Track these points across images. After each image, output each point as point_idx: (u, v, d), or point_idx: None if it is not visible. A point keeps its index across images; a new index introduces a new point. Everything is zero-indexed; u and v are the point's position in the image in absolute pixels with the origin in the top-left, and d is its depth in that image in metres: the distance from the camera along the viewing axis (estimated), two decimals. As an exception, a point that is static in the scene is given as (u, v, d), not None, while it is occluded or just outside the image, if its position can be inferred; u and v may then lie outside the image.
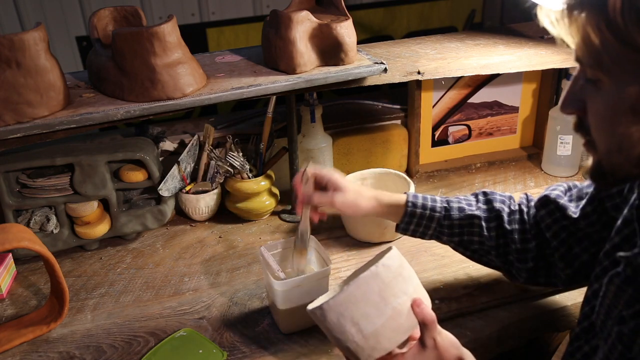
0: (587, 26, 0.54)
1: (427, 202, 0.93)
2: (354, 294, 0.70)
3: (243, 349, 0.95)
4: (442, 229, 0.93)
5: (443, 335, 0.72)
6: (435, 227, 0.94)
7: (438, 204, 0.94)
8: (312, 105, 1.29)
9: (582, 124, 0.62)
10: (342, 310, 0.71)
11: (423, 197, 0.94)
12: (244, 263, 1.18)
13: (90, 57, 1.08)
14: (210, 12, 1.83)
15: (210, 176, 1.31)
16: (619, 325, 0.61)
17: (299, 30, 1.06)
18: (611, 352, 0.62)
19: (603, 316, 0.66)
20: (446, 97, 1.45)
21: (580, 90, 0.60)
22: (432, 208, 0.93)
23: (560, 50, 1.30)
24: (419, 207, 0.93)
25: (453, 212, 0.92)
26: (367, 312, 0.70)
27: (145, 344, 0.97)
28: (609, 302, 0.65)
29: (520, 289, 1.03)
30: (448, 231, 0.93)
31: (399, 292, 0.71)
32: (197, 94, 1.02)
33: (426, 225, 0.94)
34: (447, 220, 0.93)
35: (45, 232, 1.17)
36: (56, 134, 0.98)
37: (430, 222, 0.93)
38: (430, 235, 0.95)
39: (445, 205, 0.93)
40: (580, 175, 1.46)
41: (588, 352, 0.70)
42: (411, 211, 0.93)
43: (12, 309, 1.08)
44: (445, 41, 1.37)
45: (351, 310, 0.70)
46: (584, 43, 0.55)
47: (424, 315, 0.71)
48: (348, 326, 0.71)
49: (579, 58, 0.58)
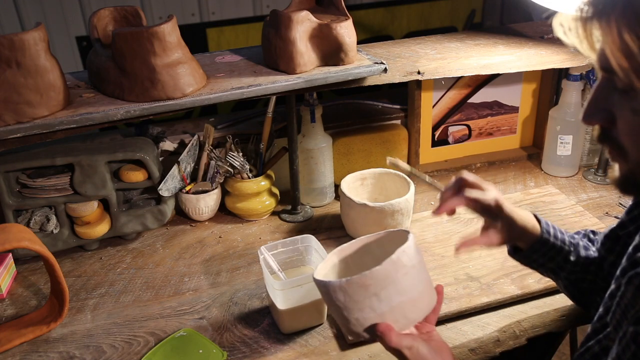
0: (622, 33, 0.52)
1: (557, 232, 0.85)
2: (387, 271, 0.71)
3: (243, 349, 0.95)
4: (565, 264, 0.85)
5: (413, 350, 0.73)
6: (559, 261, 0.85)
7: (566, 237, 0.86)
8: (312, 105, 1.29)
9: (608, 134, 0.60)
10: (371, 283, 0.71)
11: (552, 225, 0.86)
12: (244, 263, 1.18)
13: (90, 57, 1.08)
14: (210, 12, 1.83)
15: (210, 176, 1.31)
16: (635, 325, 0.61)
17: (299, 30, 1.06)
18: (624, 353, 0.62)
19: (619, 316, 0.66)
20: (446, 97, 1.45)
21: (606, 99, 0.58)
22: (562, 240, 0.85)
23: (560, 50, 1.30)
24: (552, 235, 0.84)
25: (580, 249, 0.85)
26: (389, 289, 0.71)
27: (145, 344, 0.97)
28: (626, 302, 0.65)
29: (520, 289, 1.03)
30: (571, 268, 0.85)
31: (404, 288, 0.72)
32: (197, 94, 1.02)
33: (550, 256, 0.85)
34: (574, 256, 0.85)
35: (45, 232, 1.17)
36: (56, 134, 0.98)
37: (558, 254, 0.85)
38: (545, 268, 0.87)
39: (572, 240, 0.86)
40: (580, 175, 1.46)
41: (598, 353, 0.70)
42: (545, 239, 0.84)
43: (12, 309, 1.08)
44: (445, 41, 1.37)
45: (375, 287, 0.71)
46: (619, 51, 0.53)
47: (386, 343, 0.73)
48: (368, 301, 0.71)
49: (606, 66, 0.55)
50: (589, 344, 0.72)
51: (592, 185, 1.42)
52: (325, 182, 1.36)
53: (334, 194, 1.40)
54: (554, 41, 1.35)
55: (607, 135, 0.60)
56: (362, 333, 0.73)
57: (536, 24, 1.51)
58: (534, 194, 1.36)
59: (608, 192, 1.38)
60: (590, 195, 1.37)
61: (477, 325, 0.99)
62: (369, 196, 1.28)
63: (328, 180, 1.36)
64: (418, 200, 1.38)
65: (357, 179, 1.27)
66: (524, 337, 0.99)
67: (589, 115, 0.60)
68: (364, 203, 1.15)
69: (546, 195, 1.35)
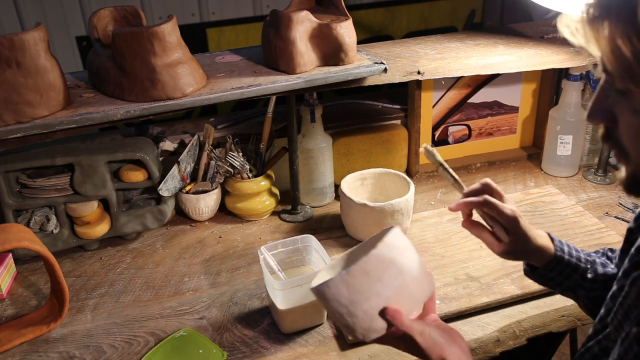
0: (616, 37, 0.52)
1: (572, 250, 0.84)
2: (371, 264, 0.70)
3: (243, 349, 0.95)
4: (583, 282, 0.83)
5: (425, 335, 0.72)
6: (576, 279, 0.84)
7: (582, 254, 0.84)
8: (312, 105, 1.29)
9: (611, 134, 0.60)
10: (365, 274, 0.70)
11: (566, 244, 0.85)
12: (244, 263, 1.18)
13: (90, 57, 1.08)
14: (210, 12, 1.83)
15: (210, 176, 1.31)
16: (638, 326, 0.61)
17: (299, 30, 1.06)
18: (626, 354, 0.62)
19: (620, 317, 0.66)
20: (446, 97, 1.45)
21: (608, 100, 0.58)
22: (577, 257, 0.83)
23: (560, 50, 1.30)
24: (566, 253, 0.83)
25: (597, 266, 0.84)
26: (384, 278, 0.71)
27: (145, 344, 0.97)
28: (629, 303, 0.65)
29: (520, 289, 1.03)
30: (589, 285, 0.84)
31: (399, 271, 0.72)
32: (197, 94, 1.02)
33: (567, 275, 0.83)
34: (591, 273, 0.83)
35: (45, 232, 1.17)
36: (56, 134, 0.98)
37: (574, 272, 0.83)
38: (563, 287, 0.85)
39: (588, 258, 0.84)
40: (580, 175, 1.46)
41: (598, 354, 0.70)
42: (559, 257, 0.82)
43: (12, 309, 1.08)
44: (445, 41, 1.37)
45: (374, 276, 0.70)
46: (613, 54, 0.53)
47: (397, 327, 0.71)
48: (372, 288, 0.70)
49: (607, 69, 0.56)
50: (588, 345, 0.72)
51: (592, 185, 1.42)
52: (325, 182, 1.36)
53: (334, 194, 1.40)
54: (554, 41, 1.35)
55: (610, 135, 0.60)
56: (372, 326, 0.72)
57: (536, 24, 1.51)
58: (534, 194, 1.36)
59: (608, 192, 1.38)
60: (590, 195, 1.37)
61: (477, 325, 0.99)
62: (369, 196, 1.28)
63: (328, 180, 1.36)
64: (418, 200, 1.38)
65: (357, 179, 1.27)
66: (524, 337, 0.99)
67: (592, 115, 0.60)
68: (364, 203, 1.15)
69: (546, 195, 1.35)
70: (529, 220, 1.07)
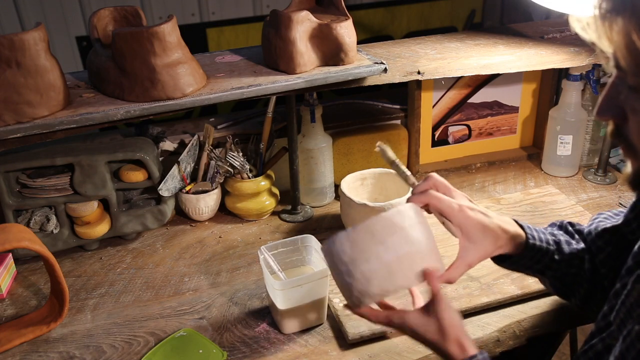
0: (630, 32, 0.52)
1: (540, 234, 0.84)
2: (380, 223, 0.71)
3: (243, 349, 0.95)
4: (552, 263, 0.84)
5: (451, 312, 0.72)
6: (546, 262, 0.84)
7: (549, 237, 0.84)
8: (312, 105, 1.29)
9: (620, 130, 0.60)
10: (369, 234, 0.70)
11: (534, 228, 0.84)
12: (244, 263, 1.18)
13: (90, 57, 1.08)
14: (210, 12, 1.84)
15: (210, 176, 1.31)
16: None
17: (299, 30, 1.06)
18: (628, 351, 0.62)
19: (623, 314, 0.66)
20: (446, 97, 1.45)
21: (619, 96, 0.58)
22: (546, 241, 0.83)
23: (560, 50, 1.30)
24: (537, 239, 0.83)
25: (563, 245, 0.85)
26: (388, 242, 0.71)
27: (145, 344, 0.97)
28: (632, 301, 0.65)
29: (520, 289, 1.03)
30: (556, 266, 0.84)
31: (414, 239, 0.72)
32: (197, 94, 1.02)
33: (537, 259, 0.83)
34: (559, 254, 0.84)
35: (45, 232, 1.17)
36: (56, 134, 0.98)
37: (544, 256, 0.83)
38: (533, 270, 0.86)
39: (554, 238, 0.85)
40: (580, 175, 1.46)
41: (601, 351, 0.70)
42: (532, 244, 0.82)
43: (12, 309, 1.08)
44: (445, 41, 1.37)
45: (377, 237, 0.70)
46: (628, 49, 0.53)
47: (434, 287, 0.72)
48: (373, 249, 0.70)
49: (620, 64, 0.56)
50: (592, 342, 0.72)
51: (592, 185, 1.42)
52: (325, 182, 1.36)
53: (334, 194, 1.40)
54: (554, 41, 1.35)
55: (619, 132, 0.60)
56: (368, 290, 0.71)
57: (536, 24, 1.51)
58: (534, 194, 1.36)
59: (608, 192, 1.38)
60: (590, 195, 1.37)
61: (477, 325, 0.99)
62: (369, 196, 1.28)
63: (328, 180, 1.36)
64: (418, 200, 1.38)
65: (357, 179, 1.27)
66: (524, 337, 0.99)
67: (602, 111, 0.60)
68: (364, 203, 1.15)
69: (546, 195, 1.35)
70: (529, 221, 1.07)
